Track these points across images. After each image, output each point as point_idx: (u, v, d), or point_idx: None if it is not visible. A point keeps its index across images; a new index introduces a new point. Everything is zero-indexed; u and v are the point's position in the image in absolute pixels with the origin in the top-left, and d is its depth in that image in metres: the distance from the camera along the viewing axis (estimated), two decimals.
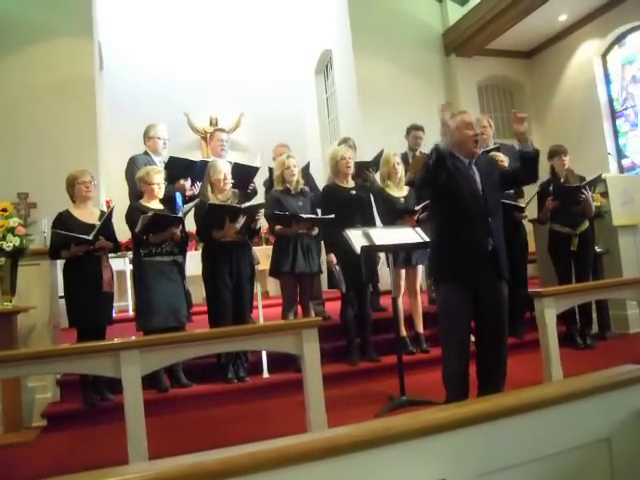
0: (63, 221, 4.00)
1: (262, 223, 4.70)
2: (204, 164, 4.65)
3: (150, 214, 3.95)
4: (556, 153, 5.01)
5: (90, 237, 3.86)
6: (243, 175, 4.69)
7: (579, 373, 1.56)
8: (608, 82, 8.77)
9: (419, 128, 5.88)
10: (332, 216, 4.39)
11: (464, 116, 3.18)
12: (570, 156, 5.04)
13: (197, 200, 4.46)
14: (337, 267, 4.46)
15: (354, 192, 4.68)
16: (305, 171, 5.14)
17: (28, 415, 3.88)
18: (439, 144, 3.02)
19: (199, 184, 4.63)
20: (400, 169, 4.82)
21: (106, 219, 4.01)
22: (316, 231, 4.54)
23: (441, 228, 3.27)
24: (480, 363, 3.26)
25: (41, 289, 4.20)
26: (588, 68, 8.81)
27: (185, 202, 4.66)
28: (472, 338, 3.32)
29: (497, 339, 3.20)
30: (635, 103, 8.43)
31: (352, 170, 4.73)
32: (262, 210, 4.34)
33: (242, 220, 4.15)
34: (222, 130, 5.54)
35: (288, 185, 4.56)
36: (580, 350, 4.86)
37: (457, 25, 8.95)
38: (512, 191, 4.65)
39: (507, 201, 4.42)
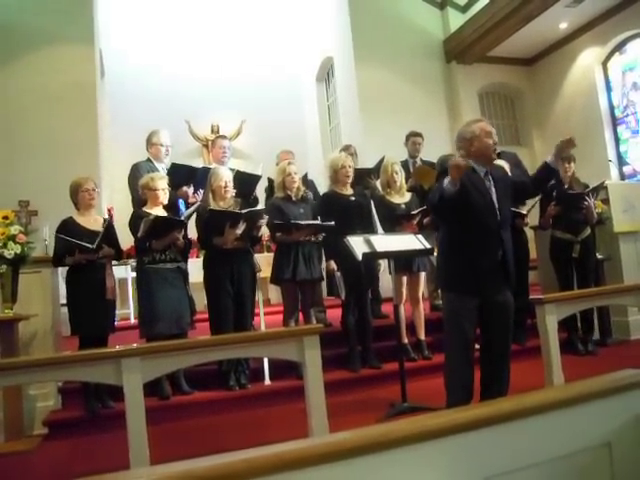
0: (68, 228, 4.00)
1: (263, 230, 4.70)
2: (206, 171, 4.65)
3: (152, 217, 3.95)
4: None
5: (93, 246, 3.87)
6: (245, 183, 4.69)
7: (580, 380, 1.55)
8: (609, 89, 8.80)
9: (418, 134, 5.96)
10: (332, 223, 4.38)
11: (482, 124, 3.12)
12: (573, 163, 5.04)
13: (198, 204, 4.46)
14: (338, 274, 4.46)
15: (353, 198, 4.68)
16: (304, 180, 5.13)
17: (29, 423, 3.87)
18: (445, 185, 2.90)
19: (201, 192, 4.64)
20: (399, 177, 4.82)
21: (108, 226, 4.02)
22: (320, 236, 4.54)
23: (452, 236, 3.21)
24: (484, 371, 3.25)
25: (42, 297, 4.19)
26: (589, 75, 8.85)
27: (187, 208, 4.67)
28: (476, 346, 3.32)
29: (502, 348, 3.20)
30: (636, 110, 8.45)
31: (351, 178, 4.72)
32: (264, 216, 4.34)
33: (242, 226, 4.15)
34: (223, 137, 5.52)
35: (289, 192, 4.57)
36: (581, 356, 4.85)
37: (458, 32, 9.00)
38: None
39: None
